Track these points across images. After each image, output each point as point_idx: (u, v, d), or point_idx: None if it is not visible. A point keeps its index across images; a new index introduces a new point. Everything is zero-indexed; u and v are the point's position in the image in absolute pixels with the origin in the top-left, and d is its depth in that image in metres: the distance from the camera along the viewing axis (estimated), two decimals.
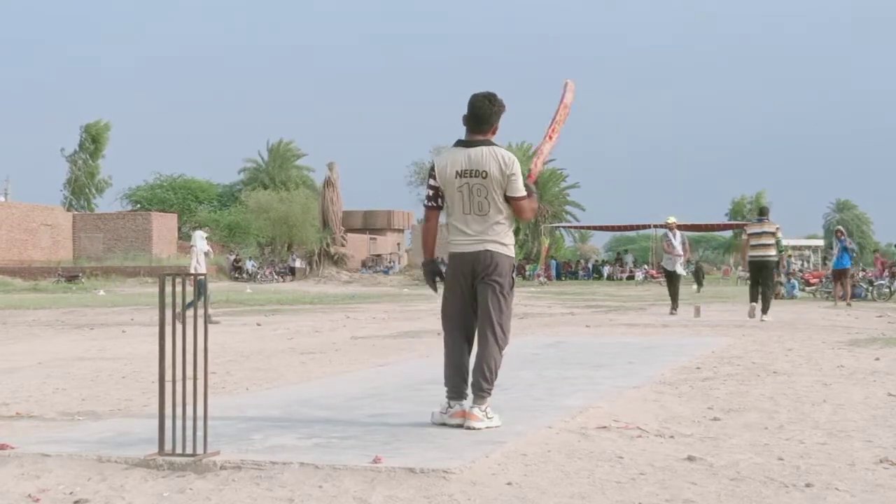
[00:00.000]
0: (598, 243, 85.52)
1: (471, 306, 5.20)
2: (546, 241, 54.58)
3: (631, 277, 49.05)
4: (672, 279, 17.69)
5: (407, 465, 4.04)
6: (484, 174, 5.04)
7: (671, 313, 17.08)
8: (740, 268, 37.19)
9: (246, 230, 58.16)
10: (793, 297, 26.01)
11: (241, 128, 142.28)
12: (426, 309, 20.90)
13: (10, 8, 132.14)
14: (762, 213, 15.88)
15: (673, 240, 17.21)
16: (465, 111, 5.19)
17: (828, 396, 6.48)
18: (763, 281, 15.15)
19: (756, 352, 9.63)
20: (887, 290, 26.63)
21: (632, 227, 61.12)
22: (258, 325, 15.48)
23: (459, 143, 5.19)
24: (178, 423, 4.21)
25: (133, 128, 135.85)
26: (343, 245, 51.76)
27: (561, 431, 5.02)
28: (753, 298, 15.23)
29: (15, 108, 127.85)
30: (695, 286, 32.78)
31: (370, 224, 72.37)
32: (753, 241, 15.23)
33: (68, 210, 58.26)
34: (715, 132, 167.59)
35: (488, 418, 5.03)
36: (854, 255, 19.80)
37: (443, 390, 5.24)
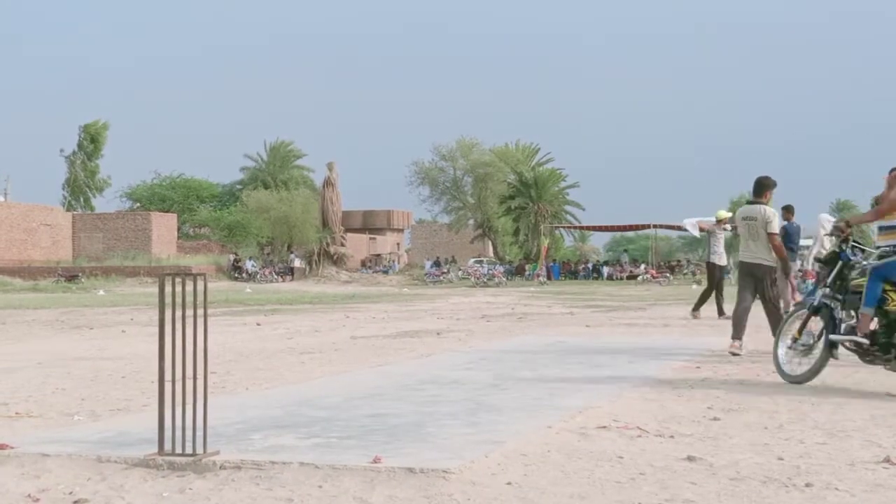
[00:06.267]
0: (599, 243, 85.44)
1: (751, 290, 9.37)
2: (546, 241, 54.52)
3: (633, 277, 48.94)
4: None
5: (407, 465, 4.04)
6: (755, 219, 9.29)
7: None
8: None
9: (246, 230, 58.11)
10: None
11: (241, 128, 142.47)
12: (426, 309, 20.90)
13: (9, 7, 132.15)
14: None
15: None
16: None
17: (827, 396, 6.47)
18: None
19: (756, 351, 9.61)
20: None
21: (632, 227, 61.02)
22: (258, 324, 15.46)
23: (749, 202, 9.56)
24: (178, 422, 4.21)
25: (132, 127, 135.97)
26: (343, 245, 51.75)
27: (561, 431, 5.02)
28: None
29: (15, 109, 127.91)
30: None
31: (370, 224, 72.41)
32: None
33: (68, 210, 58.22)
34: (715, 132, 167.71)
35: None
36: None
37: (442, 390, 5.51)
